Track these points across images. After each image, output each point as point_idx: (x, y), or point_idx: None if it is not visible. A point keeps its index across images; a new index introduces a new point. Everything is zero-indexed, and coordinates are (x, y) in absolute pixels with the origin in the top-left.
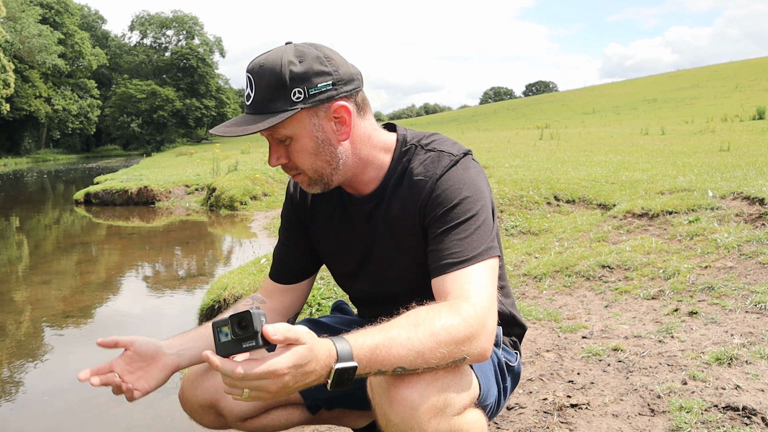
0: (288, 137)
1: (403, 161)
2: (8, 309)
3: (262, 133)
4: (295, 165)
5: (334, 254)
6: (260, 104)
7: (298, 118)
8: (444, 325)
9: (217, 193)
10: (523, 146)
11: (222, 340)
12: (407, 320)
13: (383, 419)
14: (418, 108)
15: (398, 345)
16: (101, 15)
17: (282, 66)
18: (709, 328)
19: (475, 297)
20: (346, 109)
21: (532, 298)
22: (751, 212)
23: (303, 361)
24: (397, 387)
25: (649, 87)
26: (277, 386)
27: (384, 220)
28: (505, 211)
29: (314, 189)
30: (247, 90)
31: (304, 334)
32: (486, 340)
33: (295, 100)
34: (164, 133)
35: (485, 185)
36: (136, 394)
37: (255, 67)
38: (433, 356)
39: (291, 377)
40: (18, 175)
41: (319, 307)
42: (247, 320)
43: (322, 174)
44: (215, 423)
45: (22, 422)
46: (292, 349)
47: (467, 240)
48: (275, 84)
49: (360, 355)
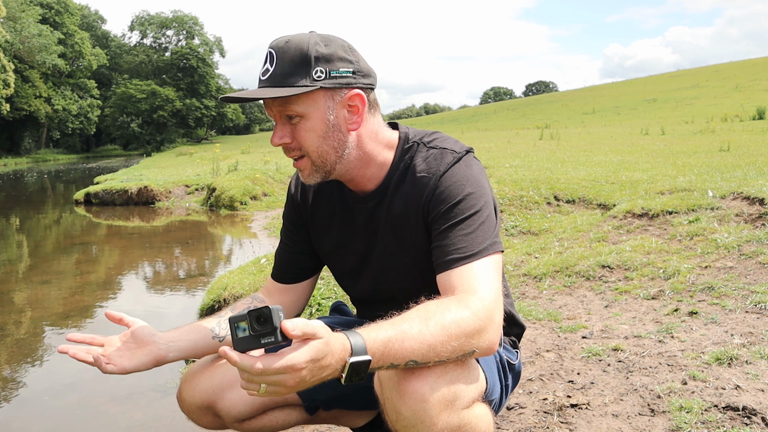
0: (299, 115)
1: (405, 158)
2: (8, 309)
3: (273, 107)
4: (299, 146)
5: (336, 253)
6: (279, 77)
7: (314, 97)
8: (454, 318)
9: (217, 193)
10: (523, 146)
11: (240, 336)
12: (418, 314)
13: (393, 413)
14: (418, 108)
15: (410, 338)
16: (101, 15)
17: (309, 45)
18: (709, 328)
19: (482, 291)
20: (361, 98)
21: (532, 298)
22: (751, 212)
23: (320, 355)
24: (408, 380)
25: (649, 87)
26: (295, 380)
27: (386, 217)
28: (505, 211)
29: (314, 177)
30: (266, 65)
31: (320, 329)
32: (494, 333)
33: (316, 78)
34: (164, 133)
35: (487, 183)
36: (110, 367)
37: (280, 43)
38: (444, 349)
39: (308, 371)
40: (18, 175)
41: (319, 307)
42: (266, 316)
43: (326, 160)
44: (213, 424)
45: (22, 422)
46: (310, 343)
47: (472, 235)
48: (299, 59)
49: (373, 349)
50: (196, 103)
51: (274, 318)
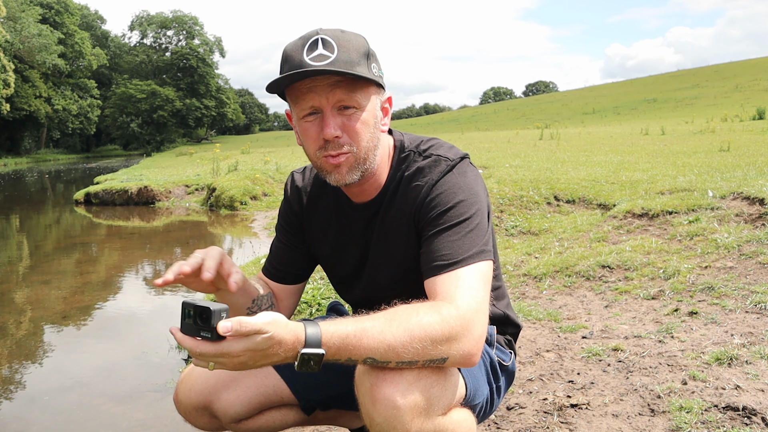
0: (357, 107)
1: (401, 168)
2: (8, 309)
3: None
4: (348, 140)
5: (332, 259)
6: (346, 64)
7: (371, 91)
8: (420, 321)
9: (217, 193)
10: (523, 146)
11: (185, 321)
12: (385, 315)
13: (367, 419)
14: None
15: (369, 337)
16: (101, 15)
17: (364, 39)
18: (709, 328)
19: (461, 299)
20: (391, 102)
21: (532, 298)
22: (751, 212)
23: (260, 347)
24: (380, 386)
25: (649, 87)
26: (234, 364)
27: (380, 227)
28: (505, 211)
29: (352, 175)
30: (321, 50)
31: (263, 325)
32: (470, 343)
33: (374, 72)
34: (164, 133)
35: (481, 189)
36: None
37: (335, 33)
38: (406, 351)
39: (248, 358)
40: (18, 175)
41: (319, 307)
42: (208, 315)
43: (367, 156)
44: (210, 425)
45: (22, 422)
46: (250, 337)
47: (459, 242)
48: (362, 50)
49: (329, 343)
50: (196, 103)
51: (213, 319)
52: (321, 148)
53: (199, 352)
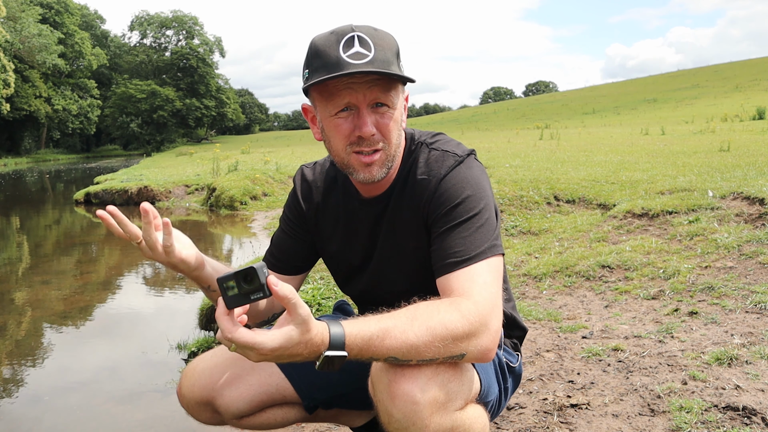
0: (390, 105)
1: (410, 161)
2: (8, 309)
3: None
4: (381, 138)
5: (339, 253)
6: (383, 64)
7: (400, 89)
8: (442, 320)
9: (217, 193)
10: (523, 146)
11: (229, 295)
12: (406, 313)
13: (385, 415)
14: (418, 108)
15: (392, 337)
16: (101, 15)
17: (394, 38)
18: (709, 328)
19: (478, 295)
20: (407, 98)
21: (532, 298)
22: (751, 212)
23: (290, 344)
24: (399, 382)
25: (649, 87)
26: (257, 358)
27: (389, 222)
28: (505, 211)
29: (382, 172)
30: (358, 48)
31: (302, 312)
32: (487, 339)
33: (403, 71)
34: (164, 133)
35: (488, 185)
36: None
37: (369, 30)
38: (428, 350)
39: (274, 357)
40: (18, 175)
41: (320, 307)
42: (252, 274)
43: (395, 153)
44: (212, 419)
45: (22, 422)
46: (286, 331)
47: (470, 238)
48: (395, 49)
49: (352, 345)
50: (196, 103)
51: (260, 276)
52: (351, 144)
53: (231, 336)
